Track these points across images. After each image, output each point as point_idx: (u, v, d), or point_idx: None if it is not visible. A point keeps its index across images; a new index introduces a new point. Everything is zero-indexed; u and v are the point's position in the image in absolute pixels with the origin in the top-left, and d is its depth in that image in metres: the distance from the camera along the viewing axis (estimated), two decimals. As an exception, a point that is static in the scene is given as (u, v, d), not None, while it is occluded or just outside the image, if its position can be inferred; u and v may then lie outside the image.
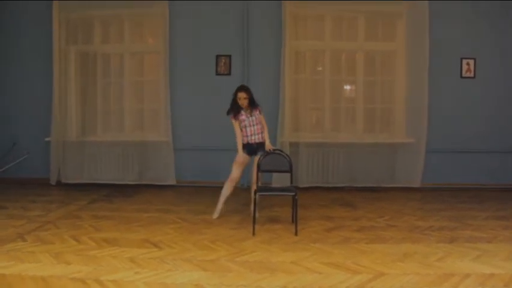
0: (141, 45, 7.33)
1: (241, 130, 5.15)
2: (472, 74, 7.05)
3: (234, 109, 5.13)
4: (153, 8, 7.04)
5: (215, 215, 5.16)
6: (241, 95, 5.07)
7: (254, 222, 4.54)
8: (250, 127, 5.11)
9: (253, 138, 5.11)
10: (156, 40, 7.29)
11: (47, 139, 7.20)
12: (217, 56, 7.13)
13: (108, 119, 7.37)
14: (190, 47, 7.14)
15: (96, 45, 7.23)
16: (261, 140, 5.14)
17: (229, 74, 7.13)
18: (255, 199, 4.70)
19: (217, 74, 7.16)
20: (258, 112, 5.15)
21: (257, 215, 4.83)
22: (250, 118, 5.11)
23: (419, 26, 6.84)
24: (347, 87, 7.34)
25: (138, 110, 7.28)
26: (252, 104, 5.13)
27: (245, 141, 5.14)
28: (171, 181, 7.13)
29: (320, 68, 7.22)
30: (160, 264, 3.61)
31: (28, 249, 3.93)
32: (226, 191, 5.15)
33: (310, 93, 7.06)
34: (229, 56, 7.13)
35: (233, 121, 5.16)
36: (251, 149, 5.13)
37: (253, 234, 4.47)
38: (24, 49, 7.31)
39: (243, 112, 5.12)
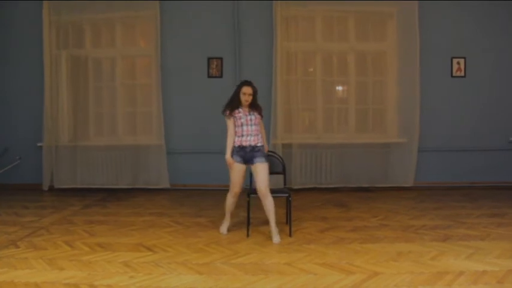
0: (133, 48, 7.30)
1: (236, 130, 4.47)
2: (462, 73, 7.10)
3: (232, 105, 4.47)
4: (144, 12, 7.03)
5: (223, 230, 4.65)
6: (247, 89, 4.42)
7: (248, 224, 4.53)
8: (247, 126, 4.41)
9: (247, 139, 4.39)
10: (147, 43, 7.28)
11: (39, 144, 7.16)
12: (209, 59, 7.13)
13: (101, 123, 7.35)
14: (182, 50, 7.14)
15: (88, 49, 7.21)
16: (256, 144, 4.41)
17: (221, 76, 7.14)
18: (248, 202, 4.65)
19: (209, 76, 7.16)
20: (257, 113, 4.51)
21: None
22: (248, 116, 4.43)
23: (410, 26, 6.89)
24: (339, 88, 7.35)
25: (130, 113, 7.26)
26: (254, 104, 4.50)
27: (237, 143, 4.41)
28: (165, 184, 7.11)
29: (311, 69, 7.24)
30: (155, 268, 3.60)
31: (21, 256, 3.90)
32: (228, 202, 4.59)
33: (302, 94, 7.08)
34: (221, 59, 7.13)
35: (227, 119, 4.47)
36: (244, 153, 4.40)
37: (248, 236, 4.47)
38: (14, 53, 7.28)
39: (241, 109, 4.45)
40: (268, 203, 4.32)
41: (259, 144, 4.45)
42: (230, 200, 4.57)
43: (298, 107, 7.06)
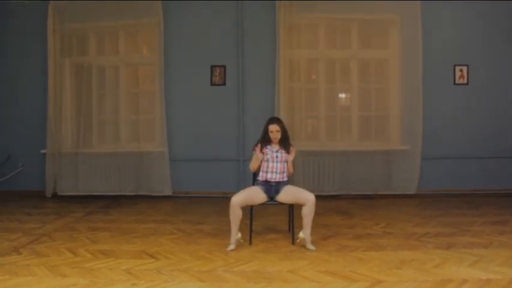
0: (136, 56, 7.33)
1: (262, 164, 4.48)
2: (465, 81, 7.10)
3: (263, 141, 4.48)
4: (147, 19, 7.06)
5: (230, 247, 4.32)
6: (273, 127, 4.42)
7: (251, 232, 4.52)
8: (272, 163, 4.42)
9: (272, 176, 4.41)
10: (151, 51, 7.31)
11: (42, 151, 7.18)
12: (212, 67, 7.15)
13: (104, 130, 7.37)
14: (185, 58, 7.16)
15: (91, 56, 7.25)
16: (281, 180, 4.45)
17: (224, 84, 7.15)
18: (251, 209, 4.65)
19: (212, 84, 7.17)
20: (285, 151, 4.47)
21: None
22: (274, 153, 4.44)
23: (413, 33, 6.89)
24: (342, 95, 7.36)
25: (133, 121, 7.28)
26: (285, 141, 4.50)
27: (262, 178, 4.44)
28: (167, 192, 7.11)
29: (314, 77, 7.25)
30: (157, 275, 3.59)
31: (23, 263, 3.90)
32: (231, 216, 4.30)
33: (305, 101, 7.08)
34: (224, 66, 7.15)
35: (255, 152, 4.49)
36: (269, 187, 4.43)
37: (250, 243, 4.46)
38: (18, 61, 7.33)
39: (269, 146, 4.47)
40: (309, 211, 4.28)
41: (285, 180, 4.50)
42: (230, 211, 4.25)
43: (301, 115, 7.07)
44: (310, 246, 4.28)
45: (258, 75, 7.10)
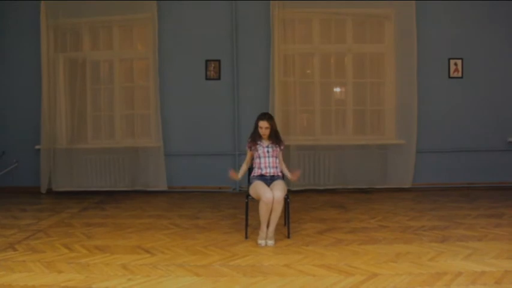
0: (131, 51, 7.29)
1: (255, 161, 4.61)
2: (460, 74, 7.11)
3: (253, 137, 4.60)
4: (141, 14, 7.02)
5: (260, 242, 4.29)
6: (263, 124, 4.49)
7: (247, 226, 4.53)
8: (264, 158, 4.52)
9: (267, 171, 4.52)
10: (145, 46, 7.28)
11: (36, 147, 7.15)
12: (207, 61, 7.13)
13: (99, 126, 7.34)
14: (180, 52, 7.13)
15: (85, 51, 7.19)
16: (275, 174, 4.53)
17: (218, 78, 7.14)
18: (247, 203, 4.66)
19: (207, 78, 7.15)
20: (276, 146, 4.59)
21: None
22: (265, 148, 4.53)
23: (407, 27, 6.90)
24: (337, 89, 7.37)
25: (128, 116, 7.26)
26: (275, 137, 4.60)
27: (257, 173, 4.54)
28: (163, 187, 7.10)
29: (309, 71, 7.25)
30: (153, 270, 3.59)
31: (19, 259, 3.89)
32: (262, 211, 4.25)
33: (300, 96, 7.09)
34: (219, 61, 7.13)
35: (247, 150, 4.68)
36: (264, 181, 4.45)
37: (246, 238, 4.47)
38: (12, 57, 7.26)
39: (260, 142, 4.57)
40: (279, 208, 4.22)
41: (279, 174, 4.59)
42: (264, 208, 4.21)
43: (296, 109, 7.07)
44: (268, 242, 4.26)
45: (253, 69, 7.09)
